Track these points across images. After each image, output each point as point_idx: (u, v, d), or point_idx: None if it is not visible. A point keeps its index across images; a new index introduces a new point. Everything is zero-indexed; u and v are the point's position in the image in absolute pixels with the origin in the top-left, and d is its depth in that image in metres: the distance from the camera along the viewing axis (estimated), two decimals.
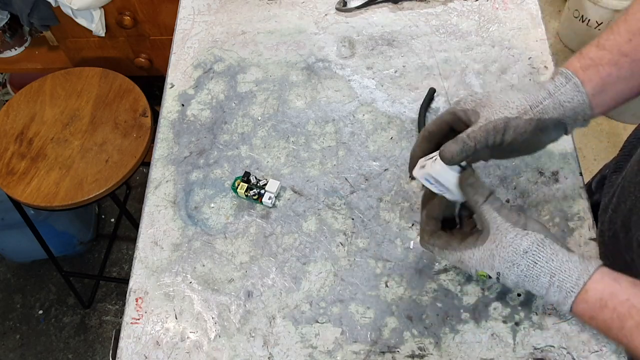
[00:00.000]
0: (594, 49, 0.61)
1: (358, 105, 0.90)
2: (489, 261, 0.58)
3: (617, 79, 0.60)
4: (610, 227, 0.70)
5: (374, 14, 1.01)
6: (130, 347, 0.72)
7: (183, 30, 1.02)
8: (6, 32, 1.70)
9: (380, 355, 0.70)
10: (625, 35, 0.60)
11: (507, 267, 0.57)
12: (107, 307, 1.81)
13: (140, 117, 1.33)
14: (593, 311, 0.55)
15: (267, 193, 0.81)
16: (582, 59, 0.61)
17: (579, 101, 0.60)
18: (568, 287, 0.55)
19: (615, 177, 0.74)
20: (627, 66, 0.60)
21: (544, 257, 0.56)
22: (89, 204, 1.25)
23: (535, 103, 0.60)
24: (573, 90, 0.60)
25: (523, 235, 0.57)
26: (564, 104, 0.60)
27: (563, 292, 0.55)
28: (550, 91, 0.60)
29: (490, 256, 0.57)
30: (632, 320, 0.52)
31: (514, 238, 0.57)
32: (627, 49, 0.60)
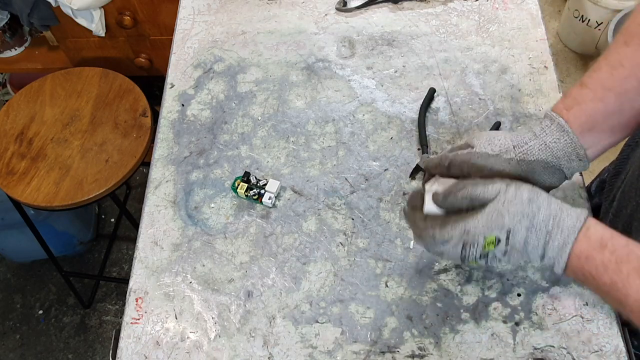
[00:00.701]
0: (577, 88, 0.61)
1: (358, 105, 0.90)
2: (498, 220, 0.56)
3: (605, 115, 0.60)
4: None
5: (374, 14, 1.01)
6: (130, 347, 0.72)
7: (183, 30, 1.02)
8: (6, 32, 1.70)
9: (380, 355, 0.70)
10: (606, 70, 0.60)
11: (518, 220, 0.56)
12: (107, 307, 1.81)
13: (140, 117, 1.33)
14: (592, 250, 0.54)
15: (267, 193, 0.81)
16: (565, 99, 0.62)
17: (567, 141, 0.60)
18: (570, 224, 0.55)
19: (615, 181, 0.74)
20: (612, 100, 0.60)
21: (545, 202, 0.56)
22: (89, 204, 1.25)
23: (520, 143, 0.60)
24: (558, 131, 0.60)
25: (519, 187, 0.56)
26: (551, 145, 0.60)
27: (565, 232, 0.55)
28: (536, 133, 0.61)
29: (499, 215, 0.56)
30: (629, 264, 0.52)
31: (516, 190, 0.56)
32: (609, 84, 0.60)
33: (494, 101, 0.88)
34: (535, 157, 0.60)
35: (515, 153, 0.60)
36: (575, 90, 0.61)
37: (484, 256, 0.58)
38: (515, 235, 0.56)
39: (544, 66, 0.91)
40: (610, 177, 0.78)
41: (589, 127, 0.60)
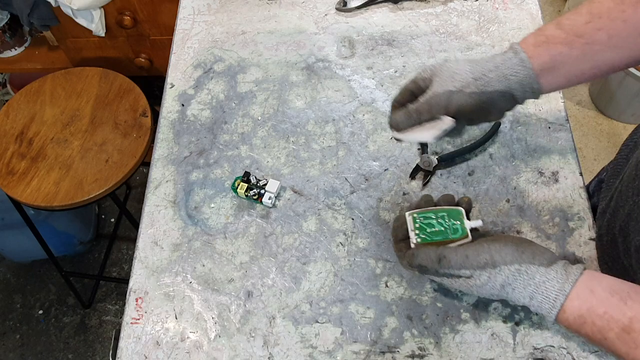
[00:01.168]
0: (553, 27, 0.63)
1: (358, 105, 0.90)
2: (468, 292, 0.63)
3: (567, 59, 0.61)
4: (608, 232, 0.70)
5: (374, 14, 1.01)
6: (130, 347, 0.72)
7: (183, 30, 1.02)
8: (6, 32, 1.70)
9: (380, 355, 0.70)
10: (585, 16, 0.61)
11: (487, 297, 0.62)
12: (107, 307, 1.81)
13: (140, 117, 1.33)
14: (575, 327, 0.57)
15: (267, 193, 0.81)
16: (537, 35, 0.63)
17: (524, 75, 0.62)
18: (547, 308, 0.58)
19: (613, 181, 0.74)
20: (579, 47, 0.61)
21: (522, 284, 0.59)
22: (89, 204, 1.25)
23: (479, 75, 0.62)
24: (519, 65, 0.62)
25: (496, 274, 0.59)
26: (509, 77, 0.62)
27: (544, 311, 0.59)
28: (497, 64, 0.62)
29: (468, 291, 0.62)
30: (612, 332, 0.54)
31: (488, 279, 0.60)
32: (583, 30, 0.61)
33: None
34: (493, 88, 0.62)
35: (476, 86, 0.62)
36: (550, 29, 0.62)
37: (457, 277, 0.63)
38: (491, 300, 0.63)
39: None
40: (609, 177, 0.77)
41: (549, 68, 0.62)
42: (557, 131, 0.85)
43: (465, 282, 0.61)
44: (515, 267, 0.59)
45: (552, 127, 0.85)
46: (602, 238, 0.72)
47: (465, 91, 0.62)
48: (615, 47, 0.61)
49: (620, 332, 0.54)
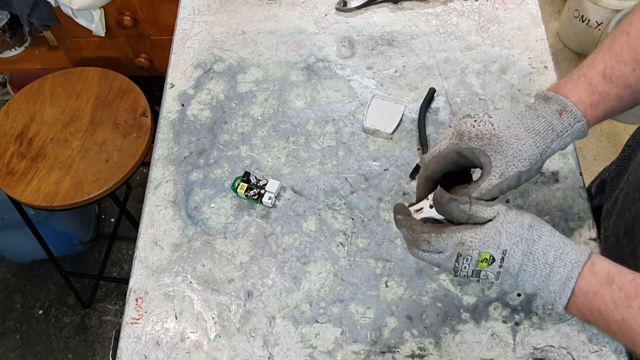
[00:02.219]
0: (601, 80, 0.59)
1: (358, 105, 0.90)
2: (494, 239, 0.54)
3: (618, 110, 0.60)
4: (613, 233, 0.70)
5: (374, 14, 1.01)
6: (130, 347, 0.72)
7: (183, 30, 1.02)
8: (6, 32, 1.70)
9: (380, 355, 0.70)
10: (631, 64, 0.59)
11: (515, 243, 0.54)
12: (107, 307, 1.81)
13: (140, 117, 1.33)
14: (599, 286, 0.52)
15: (267, 193, 0.81)
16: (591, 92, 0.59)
17: (580, 136, 0.60)
18: (574, 258, 0.53)
19: (617, 182, 0.74)
20: (628, 97, 0.59)
21: (547, 232, 0.55)
22: (89, 204, 1.25)
23: (545, 149, 0.59)
24: (579, 131, 0.59)
25: (523, 213, 0.55)
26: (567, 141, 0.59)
27: (569, 266, 0.53)
28: (558, 133, 0.59)
29: (497, 233, 0.54)
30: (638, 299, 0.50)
31: (517, 215, 0.55)
32: (631, 81, 0.59)
33: (494, 101, 0.88)
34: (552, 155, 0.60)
35: (542, 160, 0.59)
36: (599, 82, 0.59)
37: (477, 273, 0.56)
38: (510, 257, 0.54)
39: (544, 66, 0.91)
40: (612, 178, 0.77)
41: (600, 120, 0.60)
42: None
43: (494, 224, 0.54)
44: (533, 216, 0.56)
45: None
46: (608, 239, 0.72)
47: (534, 168, 0.58)
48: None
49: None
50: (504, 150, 0.58)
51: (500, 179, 0.58)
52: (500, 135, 0.58)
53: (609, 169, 0.84)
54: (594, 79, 0.60)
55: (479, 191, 0.58)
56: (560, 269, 0.53)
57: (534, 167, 0.58)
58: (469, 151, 0.59)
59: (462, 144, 0.59)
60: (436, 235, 0.56)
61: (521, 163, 0.57)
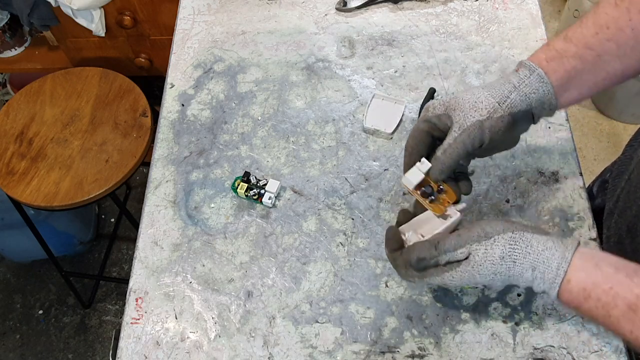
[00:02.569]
0: (561, 41, 0.62)
1: (358, 105, 0.90)
2: (470, 280, 0.58)
3: (581, 72, 0.61)
4: (615, 233, 0.70)
5: (374, 14, 1.01)
6: (130, 347, 0.72)
7: (183, 30, 1.02)
8: (6, 32, 1.70)
9: (380, 355, 0.70)
10: (592, 28, 0.60)
11: (490, 279, 0.57)
12: (107, 307, 1.81)
13: (140, 117, 1.33)
14: (577, 301, 0.55)
15: (267, 193, 0.81)
16: (547, 50, 0.62)
17: (544, 92, 0.61)
18: (550, 277, 0.55)
19: (618, 181, 0.74)
20: (590, 59, 0.60)
21: (521, 254, 0.56)
22: (89, 204, 1.25)
23: (502, 99, 0.60)
24: (537, 82, 0.60)
25: (492, 245, 0.57)
26: (530, 96, 0.60)
27: (547, 283, 0.56)
28: (515, 84, 0.61)
29: (470, 276, 0.58)
30: (617, 309, 0.52)
31: (486, 252, 0.57)
32: (592, 42, 0.60)
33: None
34: (517, 109, 0.61)
35: (503, 110, 0.60)
36: (558, 43, 0.62)
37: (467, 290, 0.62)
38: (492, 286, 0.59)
39: None
40: (613, 178, 0.77)
41: (564, 82, 0.61)
42: (557, 131, 0.85)
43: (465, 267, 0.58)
44: (509, 235, 0.57)
45: (552, 127, 0.85)
46: (610, 239, 0.72)
47: (494, 117, 0.60)
48: (625, 56, 0.60)
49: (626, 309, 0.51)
50: (460, 106, 0.61)
51: (459, 131, 0.60)
52: (457, 96, 0.62)
53: (610, 168, 0.84)
54: (554, 41, 0.62)
55: (442, 148, 0.61)
56: (541, 284, 0.56)
57: (494, 116, 0.60)
58: (436, 119, 0.63)
59: (428, 114, 0.64)
60: (419, 279, 0.61)
61: (478, 112, 0.60)
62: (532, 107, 0.61)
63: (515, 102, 0.60)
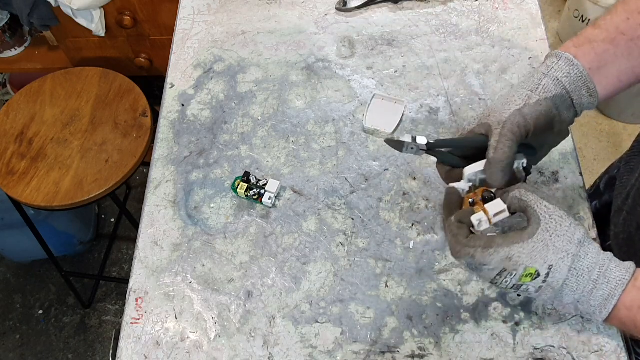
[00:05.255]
0: (590, 28, 0.61)
1: (358, 105, 0.90)
2: (542, 253, 0.53)
3: (614, 57, 0.60)
4: (624, 229, 0.70)
5: (374, 14, 1.01)
6: (130, 347, 0.72)
7: (183, 30, 1.02)
8: (6, 32, 1.70)
9: (380, 355, 0.70)
10: (623, 14, 0.60)
11: (562, 258, 0.53)
12: (107, 307, 1.81)
13: (140, 117, 1.33)
14: None
15: (267, 193, 0.81)
16: (576, 39, 0.61)
17: (576, 74, 0.59)
18: (617, 276, 0.53)
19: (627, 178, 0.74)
20: (623, 44, 0.59)
21: (595, 249, 0.54)
22: (89, 204, 1.25)
23: (534, 86, 0.59)
24: (567, 65, 0.59)
25: (577, 225, 0.55)
26: (562, 79, 0.59)
27: (612, 283, 0.53)
28: (543, 72, 0.60)
29: (544, 247, 0.53)
30: None
31: (569, 227, 0.54)
32: (624, 28, 0.59)
33: (494, 101, 0.88)
34: (552, 92, 0.59)
35: (538, 95, 0.58)
36: (587, 31, 0.61)
37: (517, 287, 0.56)
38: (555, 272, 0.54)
39: None
40: (622, 174, 0.77)
41: (598, 66, 0.59)
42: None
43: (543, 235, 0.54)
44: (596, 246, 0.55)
45: None
46: (619, 236, 0.72)
47: (530, 103, 0.58)
48: None
49: None
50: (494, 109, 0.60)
51: (499, 126, 0.57)
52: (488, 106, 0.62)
53: (618, 165, 0.84)
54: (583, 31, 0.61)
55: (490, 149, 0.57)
56: (604, 286, 0.54)
57: (530, 102, 0.58)
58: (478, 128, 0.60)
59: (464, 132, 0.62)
60: (482, 251, 0.55)
61: (513, 104, 0.58)
62: (567, 91, 0.59)
63: (549, 87, 0.59)
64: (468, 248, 0.55)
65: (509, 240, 0.54)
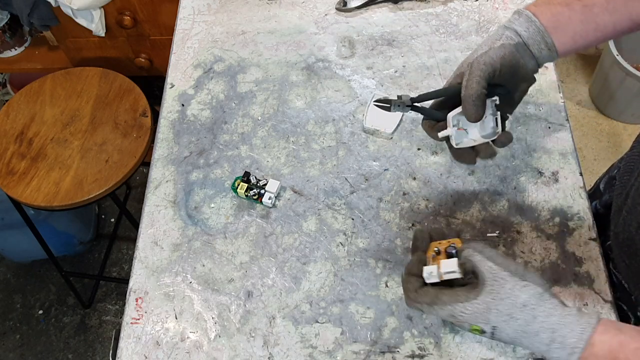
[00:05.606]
0: None
1: (358, 105, 0.90)
2: (484, 315, 0.55)
3: (569, 19, 0.65)
4: (624, 229, 0.70)
5: (374, 14, 1.01)
6: (130, 347, 0.72)
7: (183, 30, 1.02)
8: (6, 32, 1.70)
9: (380, 355, 0.70)
10: None
11: (504, 320, 0.55)
12: (107, 307, 1.81)
13: (140, 117, 1.33)
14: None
15: (267, 193, 0.81)
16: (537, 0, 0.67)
17: (534, 29, 0.65)
18: (572, 342, 0.52)
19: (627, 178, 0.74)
20: (578, 9, 0.64)
21: (544, 312, 0.54)
22: (89, 204, 1.25)
23: (497, 37, 0.66)
24: (526, 21, 0.65)
25: (522, 287, 0.55)
26: (521, 33, 0.65)
27: (567, 349, 0.53)
28: (505, 25, 0.66)
29: (486, 309, 0.55)
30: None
31: (512, 289, 0.55)
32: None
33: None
34: (514, 41, 0.65)
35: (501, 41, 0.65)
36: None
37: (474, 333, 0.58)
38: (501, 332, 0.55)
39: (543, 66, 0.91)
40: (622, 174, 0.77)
41: (554, 26, 0.65)
42: (557, 131, 0.85)
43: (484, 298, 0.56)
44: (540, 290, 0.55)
45: (552, 127, 0.85)
46: (618, 236, 0.72)
47: (495, 46, 0.65)
48: (614, 11, 0.64)
49: None
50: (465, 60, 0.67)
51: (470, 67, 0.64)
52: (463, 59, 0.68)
53: (618, 165, 0.84)
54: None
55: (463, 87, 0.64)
56: (559, 351, 0.53)
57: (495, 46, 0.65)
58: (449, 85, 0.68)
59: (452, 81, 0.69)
60: (428, 308, 0.59)
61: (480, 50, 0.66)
62: (527, 44, 0.65)
63: (510, 37, 0.65)
64: (416, 303, 0.60)
65: (453, 299, 0.57)
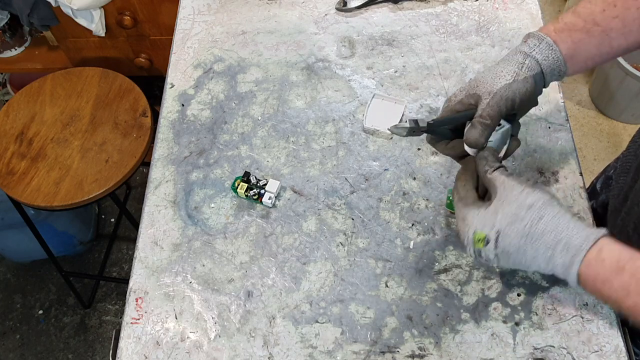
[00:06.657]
0: (570, 15, 0.65)
1: (358, 105, 0.90)
2: (490, 219, 0.55)
3: (587, 45, 0.64)
4: (622, 230, 0.70)
5: (374, 14, 1.01)
6: (130, 347, 0.72)
7: (183, 30, 1.02)
8: (6, 32, 1.70)
9: (380, 355, 0.70)
10: (601, 5, 0.64)
11: (509, 223, 0.54)
12: (107, 307, 1.81)
13: (140, 117, 1.33)
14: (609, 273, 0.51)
15: (267, 193, 0.81)
16: (557, 23, 0.65)
17: (554, 59, 0.64)
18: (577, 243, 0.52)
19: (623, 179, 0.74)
20: (597, 35, 0.64)
21: (551, 213, 0.54)
22: (89, 204, 1.25)
23: (519, 64, 0.64)
24: (547, 49, 0.64)
25: (530, 191, 0.56)
26: (541, 62, 0.64)
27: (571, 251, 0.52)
28: (526, 52, 0.64)
29: (493, 213, 0.55)
30: None
31: (520, 193, 0.56)
32: (599, 19, 0.63)
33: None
34: (534, 71, 0.64)
35: (524, 72, 0.63)
36: (567, 16, 0.65)
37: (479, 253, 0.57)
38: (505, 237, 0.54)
39: None
40: (618, 175, 0.77)
41: (571, 53, 0.64)
42: (557, 131, 0.85)
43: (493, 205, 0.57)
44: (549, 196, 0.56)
45: (552, 127, 0.85)
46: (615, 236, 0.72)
47: (519, 79, 0.62)
48: (630, 33, 0.64)
49: None
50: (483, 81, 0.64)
51: (489, 96, 0.62)
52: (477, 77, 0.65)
53: (614, 165, 0.84)
54: (563, 16, 0.66)
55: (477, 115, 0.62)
56: (563, 254, 0.53)
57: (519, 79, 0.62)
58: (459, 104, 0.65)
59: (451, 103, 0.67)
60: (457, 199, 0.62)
61: (503, 79, 0.63)
62: (544, 72, 0.64)
63: (532, 66, 0.63)
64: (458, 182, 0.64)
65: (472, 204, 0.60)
